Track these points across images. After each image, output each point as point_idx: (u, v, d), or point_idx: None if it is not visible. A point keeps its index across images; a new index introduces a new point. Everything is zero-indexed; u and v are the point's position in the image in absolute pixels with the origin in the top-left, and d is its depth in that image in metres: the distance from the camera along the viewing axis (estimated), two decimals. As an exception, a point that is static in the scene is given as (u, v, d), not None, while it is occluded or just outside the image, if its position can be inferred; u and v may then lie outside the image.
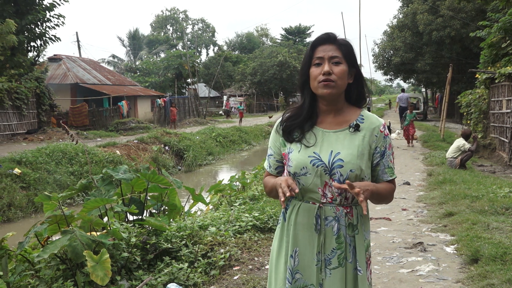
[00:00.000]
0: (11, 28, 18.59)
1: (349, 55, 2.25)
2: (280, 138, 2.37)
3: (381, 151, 2.28)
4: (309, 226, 2.23)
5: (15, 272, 4.03)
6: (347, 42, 2.28)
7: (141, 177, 5.26)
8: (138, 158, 16.80)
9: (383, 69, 38.44)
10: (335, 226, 2.22)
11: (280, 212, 2.41)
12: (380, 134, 2.28)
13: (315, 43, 2.28)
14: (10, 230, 6.27)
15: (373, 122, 2.29)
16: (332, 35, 2.27)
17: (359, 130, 2.26)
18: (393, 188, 2.36)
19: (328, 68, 2.19)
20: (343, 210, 2.23)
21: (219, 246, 5.12)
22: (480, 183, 8.99)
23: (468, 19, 27.72)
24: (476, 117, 17.07)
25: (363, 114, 2.32)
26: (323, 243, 2.22)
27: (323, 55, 2.22)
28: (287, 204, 2.31)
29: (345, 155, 2.19)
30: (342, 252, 2.22)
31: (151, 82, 45.41)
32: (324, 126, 2.30)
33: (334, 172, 2.18)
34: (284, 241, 2.32)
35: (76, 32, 78.53)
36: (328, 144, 2.24)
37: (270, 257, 2.44)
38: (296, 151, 2.27)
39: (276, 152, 2.40)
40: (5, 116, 21.11)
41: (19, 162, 12.74)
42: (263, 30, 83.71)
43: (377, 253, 5.57)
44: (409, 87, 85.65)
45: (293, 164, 2.24)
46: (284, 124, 2.35)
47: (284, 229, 2.33)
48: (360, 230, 2.27)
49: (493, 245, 5.08)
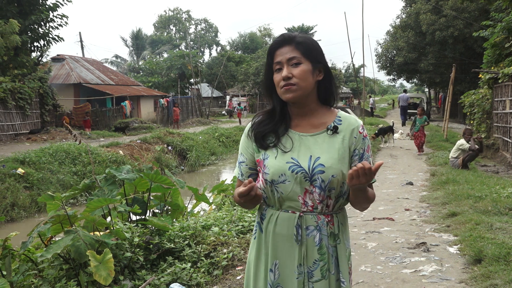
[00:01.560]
0: (14, 28, 18.69)
1: (310, 52, 2.10)
2: (252, 144, 2.21)
3: (360, 153, 2.15)
4: (289, 237, 2.10)
5: (19, 271, 4.04)
6: (305, 39, 2.12)
7: (144, 177, 5.27)
8: (141, 158, 16.81)
9: (386, 69, 38.36)
10: (316, 236, 2.09)
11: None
12: (359, 135, 2.16)
13: (272, 48, 2.14)
14: (13, 229, 6.29)
15: (352, 123, 2.17)
16: (287, 35, 2.13)
17: (337, 132, 2.13)
18: (373, 192, 2.21)
19: (287, 72, 2.06)
20: (324, 218, 2.10)
21: (222, 246, 5.12)
22: (483, 183, 8.98)
23: (471, 19, 27.66)
24: (479, 117, 17.04)
25: (340, 115, 2.19)
26: (305, 254, 2.09)
27: (281, 59, 2.09)
28: (262, 213, 2.20)
29: (326, 159, 2.06)
30: (325, 264, 2.10)
31: (154, 82, 45.45)
32: (300, 130, 2.16)
33: (315, 178, 2.05)
34: (262, 253, 2.18)
35: (79, 32, 78.73)
36: (306, 149, 2.10)
37: (246, 272, 2.28)
38: (272, 157, 2.11)
39: (249, 158, 2.22)
40: (9, 116, 21.14)
41: (23, 162, 12.76)
42: (266, 30, 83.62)
43: (380, 253, 5.57)
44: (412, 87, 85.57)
45: (270, 171, 2.09)
46: (256, 130, 2.19)
47: (261, 240, 2.19)
48: (342, 239, 2.15)
49: (497, 246, 5.07)
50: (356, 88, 50.89)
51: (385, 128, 19.05)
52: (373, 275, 4.87)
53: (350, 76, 63.88)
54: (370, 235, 6.41)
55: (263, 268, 2.16)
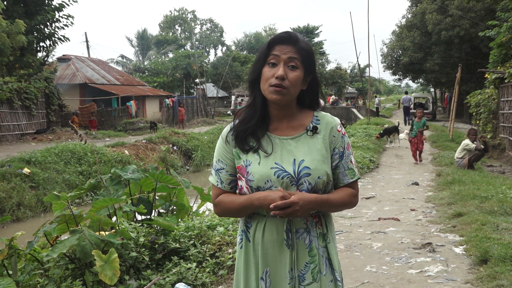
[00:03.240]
0: (20, 29, 18.75)
1: (308, 61, 2.07)
2: (232, 149, 2.14)
3: (340, 152, 2.12)
4: (279, 243, 2.06)
5: (25, 271, 4.05)
6: (308, 47, 2.09)
7: (149, 177, 5.27)
8: (146, 158, 16.84)
9: (392, 69, 38.33)
10: (306, 238, 2.06)
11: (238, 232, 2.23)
12: (338, 133, 2.13)
13: (273, 40, 2.07)
14: (19, 229, 6.32)
15: (330, 121, 2.15)
16: (294, 35, 2.08)
17: (317, 132, 2.10)
18: (352, 193, 2.16)
19: (283, 72, 2.01)
20: (312, 220, 2.08)
21: (227, 246, 5.12)
22: (489, 184, 8.95)
23: (477, 19, 27.58)
24: (485, 117, 17.00)
25: (317, 115, 2.16)
26: (295, 258, 2.05)
27: (280, 55, 2.03)
28: (247, 221, 2.15)
29: (310, 161, 2.03)
30: (316, 266, 2.06)
31: (159, 82, 45.50)
32: (279, 133, 2.12)
33: (302, 181, 2.02)
34: (251, 262, 2.13)
35: (85, 32, 78.78)
36: (288, 153, 2.06)
37: (235, 282, 2.22)
38: (255, 163, 2.06)
39: (229, 164, 2.15)
40: (15, 116, 21.23)
41: (28, 161, 12.80)
42: (271, 30, 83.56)
43: (386, 254, 5.56)
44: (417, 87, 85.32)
45: (255, 177, 2.04)
46: (238, 129, 2.12)
47: (249, 249, 2.13)
48: (331, 238, 2.13)
49: (503, 246, 5.05)
50: (362, 88, 50.78)
51: (390, 128, 19.03)
52: (378, 276, 4.86)
53: (355, 76, 63.75)
54: (376, 235, 6.40)
55: (253, 277, 2.12)
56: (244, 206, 2.07)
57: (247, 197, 2.06)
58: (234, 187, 2.18)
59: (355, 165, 2.18)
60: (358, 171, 2.20)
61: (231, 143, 2.14)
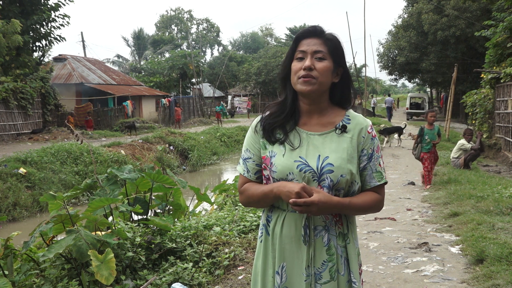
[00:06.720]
0: (16, 28, 18.69)
1: (336, 51, 2.08)
2: (260, 140, 2.16)
3: (369, 153, 2.10)
4: (297, 238, 2.05)
5: (21, 271, 4.04)
6: (334, 37, 2.10)
7: (146, 177, 5.27)
8: (143, 158, 16.83)
9: (388, 69, 38.40)
10: (325, 237, 2.05)
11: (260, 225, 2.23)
12: (368, 135, 2.11)
13: (299, 36, 2.10)
14: (15, 229, 6.30)
15: (360, 122, 2.13)
16: (319, 28, 2.09)
17: (346, 132, 2.09)
18: (377, 198, 2.13)
19: (310, 63, 2.03)
20: (332, 218, 2.07)
21: (223, 246, 5.12)
22: (485, 183, 8.97)
23: (473, 19, 27.66)
24: (481, 117, 17.03)
25: (348, 114, 2.15)
26: (312, 255, 2.04)
27: (306, 49, 2.05)
28: (268, 215, 2.16)
29: (335, 159, 2.02)
30: (334, 265, 2.05)
31: (155, 82, 45.44)
32: (308, 128, 2.12)
33: (324, 178, 2.01)
34: (270, 256, 2.13)
35: (81, 32, 78.87)
36: (314, 148, 2.06)
37: (253, 277, 2.22)
38: (280, 155, 2.07)
39: (256, 154, 2.17)
40: (11, 116, 21.18)
41: (24, 161, 12.78)
42: (267, 30, 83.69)
43: (382, 253, 5.57)
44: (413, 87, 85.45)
45: (278, 169, 2.05)
46: (266, 121, 2.15)
47: (268, 244, 2.14)
48: (351, 239, 2.10)
49: (499, 246, 5.06)
50: (358, 88, 50.89)
51: (390, 128, 19.07)
52: (375, 275, 4.87)
53: (352, 76, 63.93)
54: (372, 235, 6.41)
55: (270, 271, 2.12)
56: (266, 194, 2.08)
57: (269, 185, 2.08)
58: (260, 178, 2.19)
59: (383, 168, 2.16)
60: (386, 175, 2.18)
61: (259, 133, 2.17)
